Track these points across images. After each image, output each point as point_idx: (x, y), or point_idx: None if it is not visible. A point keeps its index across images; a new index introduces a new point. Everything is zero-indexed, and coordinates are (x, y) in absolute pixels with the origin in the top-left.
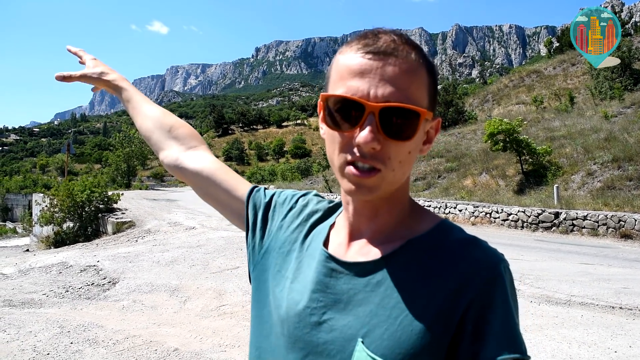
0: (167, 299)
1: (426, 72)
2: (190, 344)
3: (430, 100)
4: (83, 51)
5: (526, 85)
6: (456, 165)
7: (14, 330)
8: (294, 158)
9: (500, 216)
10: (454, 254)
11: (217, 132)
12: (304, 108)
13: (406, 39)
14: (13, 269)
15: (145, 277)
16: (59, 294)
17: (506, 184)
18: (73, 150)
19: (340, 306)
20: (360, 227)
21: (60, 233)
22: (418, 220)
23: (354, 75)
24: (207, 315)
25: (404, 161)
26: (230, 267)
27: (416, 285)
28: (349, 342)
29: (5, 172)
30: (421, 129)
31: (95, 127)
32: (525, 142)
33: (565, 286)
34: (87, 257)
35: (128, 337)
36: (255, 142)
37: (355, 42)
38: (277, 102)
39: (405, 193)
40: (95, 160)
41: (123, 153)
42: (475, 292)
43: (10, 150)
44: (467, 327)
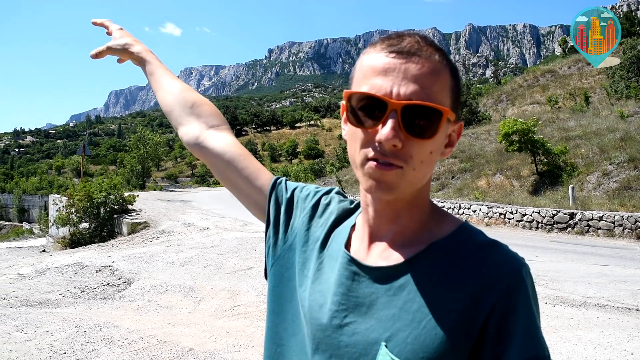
0: (182, 299)
1: (449, 74)
2: (204, 344)
3: (453, 102)
4: (109, 21)
5: (541, 85)
6: (470, 165)
7: (31, 329)
8: (307, 159)
9: (515, 217)
10: (475, 258)
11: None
12: (317, 109)
13: (430, 41)
14: (30, 269)
15: (159, 278)
16: (75, 294)
17: (521, 184)
18: (88, 151)
19: (362, 310)
20: (380, 229)
21: (76, 234)
22: (439, 223)
23: (378, 73)
24: (221, 316)
25: (426, 161)
26: (244, 268)
27: (439, 289)
28: (371, 346)
29: (22, 174)
30: (443, 129)
31: (110, 128)
32: (540, 142)
33: (581, 287)
34: (102, 258)
35: (143, 336)
36: (269, 143)
37: (380, 42)
38: (290, 103)
39: (426, 196)
40: (110, 161)
41: (138, 154)
42: (498, 296)
43: (27, 152)
44: (490, 331)
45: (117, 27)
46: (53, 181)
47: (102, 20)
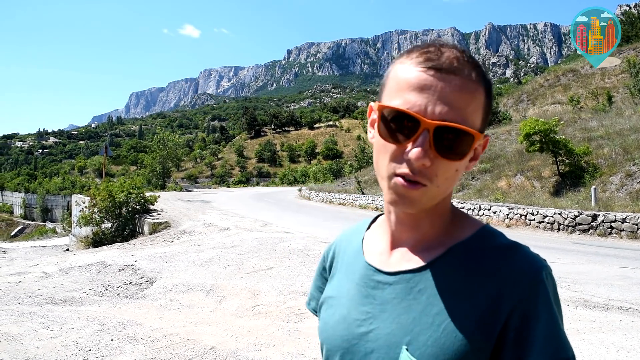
0: (203, 298)
1: (484, 92)
2: (226, 342)
3: (483, 120)
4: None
5: (562, 85)
6: (490, 166)
7: (57, 326)
8: (326, 159)
9: (536, 218)
10: (495, 261)
11: (249, 134)
12: (335, 109)
13: (469, 57)
14: (54, 268)
15: (181, 277)
16: (98, 292)
17: (542, 185)
18: (110, 152)
19: (385, 315)
20: (401, 236)
21: (98, 233)
22: (459, 227)
23: (413, 88)
24: (242, 315)
25: (450, 178)
26: (264, 268)
27: (458, 292)
28: (393, 350)
29: (45, 174)
30: (472, 150)
31: (131, 129)
32: (562, 142)
33: (603, 290)
34: (124, 257)
35: (166, 334)
36: (287, 143)
37: (417, 53)
38: (308, 104)
39: (447, 204)
40: (131, 162)
41: (158, 155)
42: (517, 298)
43: (50, 153)
44: (510, 335)
45: None
46: (75, 181)
47: None
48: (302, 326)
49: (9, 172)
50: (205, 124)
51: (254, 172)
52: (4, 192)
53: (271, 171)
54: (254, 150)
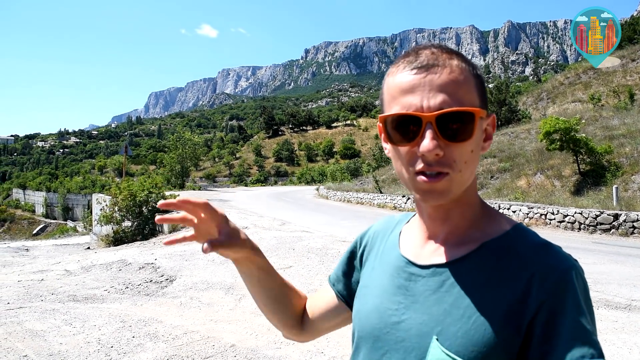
0: (223, 296)
1: (471, 74)
2: (246, 340)
3: (481, 99)
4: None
5: (583, 83)
6: (509, 165)
7: (80, 323)
8: (344, 158)
9: (556, 218)
10: (526, 258)
11: (267, 133)
12: (353, 109)
13: (445, 49)
14: (76, 266)
15: (200, 275)
16: (119, 290)
17: (562, 184)
18: (130, 152)
19: (416, 306)
20: (435, 230)
21: (119, 232)
22: (491, 223)
23: (406, 92)
24: (262, 313)
25: (469, 161)
26: (283, 267)
27: (489, 287)
28: (424, 339)
29: (66, 173)
30: (478, 128)
31: (150, 129)
32: (583, 141)
33: (626, 290)
34: (145, 255)
35: (186, 332)
36: (305, 142)
37: (400, 62)
38: (326, 103)
39: (474, 193)
40: (150, 161)
41: (177, 155)
42: (545, 295)
43: (70, 152)
44: (537, 330)
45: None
46: (96, 181)
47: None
48: None
49: (31, 171)
50: (224, 123)
51: (272, 171)
52: (26, 191)
53: (289, 170)
54: (272, 149)
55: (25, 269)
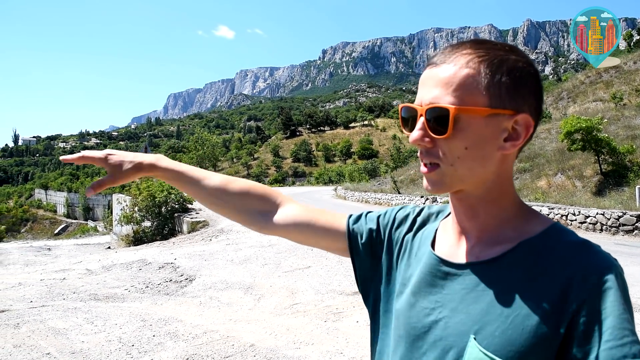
0: (242, 296)
1: (485, 71)
2: (265, 340)
3: (493, 97)
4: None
5: (604, 82)
6: (529, 165)
7: (101, 322)
8: (361, 159)
9: (577, 219)
10: (565, 257)
11: (285, 133)
12: (370, 109)
13: (471, 44)
14: (97, 265)
15: (220, 275)
16: (139, 289)
17: (583, 185)
18: (150, 152)
19: (453, 305)
20: (465, 226)
21: (139, 232)
22: (528, 222)
23: (419, 86)
24: (281, 313)
25: (463, 157)
26: (301, 267)
27: (528, 286)
28: (461, 338)
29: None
30: (463, 125)
31: (169, 130)
32: (605, 140)
33: None
34: (164, 255)
35: (206, 331)
36: (323, 143)
37: (429, 58)
38: (344, 104)
39: (504, 193)
40: None
41: (196, 155)
42: (587, 294)
43: None
44: (578, 329)
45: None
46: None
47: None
48: (340, 325)
49: (53, 172)
50: (242, 124)
51: (290, 171)
52: (48, 192)
53: (307, 171)
54: (290, 150)
55: (48, 268)
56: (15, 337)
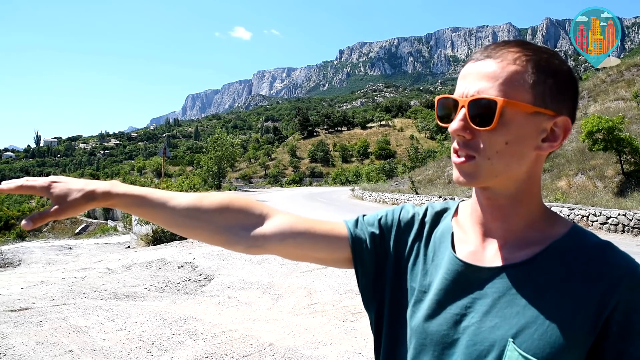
0: (260, 296)
1: (532, 69)
2: (283, 339)
3: (537, 96)
4: (28, 181)
5: (626, 80)
6: (549, 165)
7: (122, 320)
8: (379, 159)
9: (599, 219)
10: (594, 258)
11: (302, 134)
12: (388, 109)
13: (518, 43)
14: (117, 264)
15: (238, 275)
16: (159, 288)
17: (604, 185)
18: (169, 153)
19: (485, 309)
20: (490, 227)
21: (158, 231)
22: (551, 224)
23: (460, 79)
24: (299, 313)
25: (502, 152)
26: (319, 267)
27: (561, 287)
28: (498, 343)
29: (107, 174)
30: (505, 118)
31: (187, 131)
32: (627, 140)
33: None
34: (183, 255)
35: (225, 330)
36: (340, 143)
37: (472, 54)
38: (361, 104)
39: (533, 195)
40: (188, 162)
41: (214, 156)
42: (621, 295)
43: (111, 154)
44: (612, 329)
45: (46, 182)
46: (135, 181)
47: (15, 182)
48: (358, 325)
49: (74, 172)
50: (259, 124)
51: (307, 172)
52: None
53: (324, 171)
54: (307, 150)
55: (69, 266)
56: (39, 334)
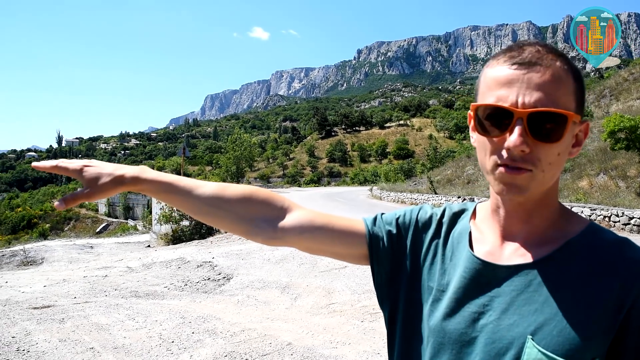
0: (279, 295)
1: (572, 78)
2: (302, 339)
3: (577, 104)
4: (63, 162)
5: None
6: (570, 165)
7: (142, 318)
8: (397, 159)
9: (621, 220)
10: (612, 255)
11: (320, 134)
12: (406, 108)
13: (551, 48)
14: (137, 263)
15: (257, 274)
16: (178, 287)
17: (627, 185)
18: (188, 153)
19: (503, 307)
20: (512, 229)
21: (177, 231)
22: (568, 222)
23: (502, 85)
24: (317, 313)
25: (554, 163)
26: (338, 267)
27: (579, 284)
28: (517, 340)
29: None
30: (569, 132)
31: (206, 131)
32: None
33: None
34: (202, 254)
35: (244, 329)
36: (358, 143)
37: (502, 55)
38: (379, 103)
39: (555, 195)
40: (207, 162)
41: (233, 156)
42: (639, 291)
43: (131, 154)
44: (633, 324)
45: (79, 165)
46: None
47: (49, 163)
48: (377, 325)
49: None
50: (277, 124)
51: (325, 171)
52: None
53: (342, 171)
54: (325, 150)
55: (90, 265)
56: (61, 331)
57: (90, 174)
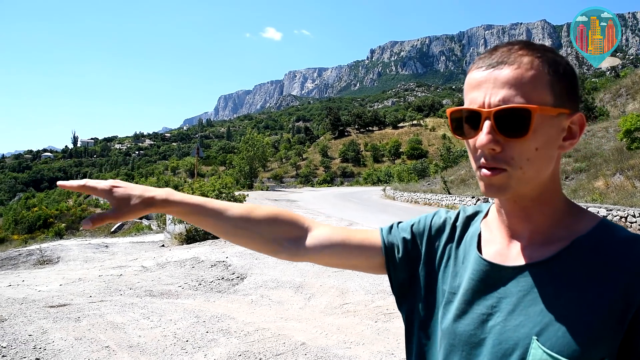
0: (292, 295)
1: (547, 71)
2: (316, 339)
3: (556, 96)
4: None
5: None
6: (586, 165)
7: (157, 317)
8: (410, 159)
9: (637, 221)
10: (621, 253)
11: (333, 134)
12: (419, 108)
13: (525, 45)
14: (152, 262)
15: (270, 274)
16: (193, 287)
17: None
18: (202, 153)
19: (510, 308)
20: (516, 228)
21: (191, 230)
22: (578, 220)
23: (474, 88)
24: (331, 313)
25: (533, 158)
26: None
27: (586, 283)
28: (522, 341)
29: (142, 174)
30: (543, 125)
31: (220, 131)
32: None
33: None
34: (216, 254)
35: (258, 329)
36: (371, 143)
37: (478, 60)
38: (392, 103)
39: (555, 193)
40: (220, 162)
41: (246, 156)
42: None
43: (145, 154)
44: None
45: (107, 185)
46: (169, 181)
47: (76, 183)
48: (391, 326)
49: (109, 172)
50: (290, 124)
51: (338, 171)
52: None
53: (355, 171)
54: (338, 150)
55: (105, 264)
56: (77, 330)
57: (121, 195)
